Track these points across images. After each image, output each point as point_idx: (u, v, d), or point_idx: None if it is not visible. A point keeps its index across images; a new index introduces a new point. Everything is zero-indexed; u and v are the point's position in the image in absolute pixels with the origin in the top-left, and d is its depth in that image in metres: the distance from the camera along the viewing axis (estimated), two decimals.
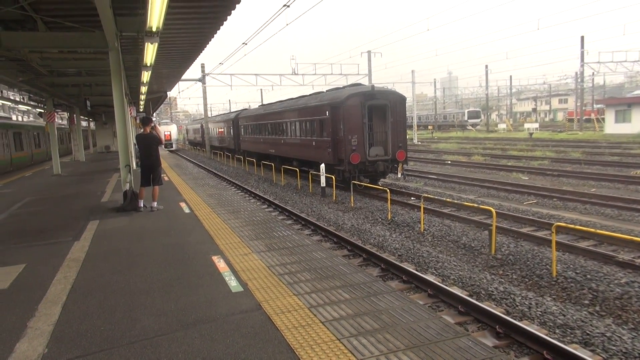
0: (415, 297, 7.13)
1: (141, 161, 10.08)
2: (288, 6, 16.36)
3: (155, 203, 9.94)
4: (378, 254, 9.08)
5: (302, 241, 6.92)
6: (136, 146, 10.31)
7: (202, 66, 40.26)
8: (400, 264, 8.39)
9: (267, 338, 3.83)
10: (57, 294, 5.05)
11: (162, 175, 10.39)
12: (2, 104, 34.56)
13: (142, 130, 10.08)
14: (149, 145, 9.88)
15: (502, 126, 66.23)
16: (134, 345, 3.82)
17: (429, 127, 72.67)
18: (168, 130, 52.22)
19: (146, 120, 10.16)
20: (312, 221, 12.19)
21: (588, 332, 5.88)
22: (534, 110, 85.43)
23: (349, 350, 3.56)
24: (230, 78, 40.28)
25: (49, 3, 9.34)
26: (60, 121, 38.06)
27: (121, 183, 10.67)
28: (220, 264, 5.86)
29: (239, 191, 18.57)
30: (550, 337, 5.53)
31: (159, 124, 53.07)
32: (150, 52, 10.23)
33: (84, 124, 38.15)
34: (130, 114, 21.07)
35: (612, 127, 41.64)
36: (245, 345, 3.73)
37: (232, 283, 5.16)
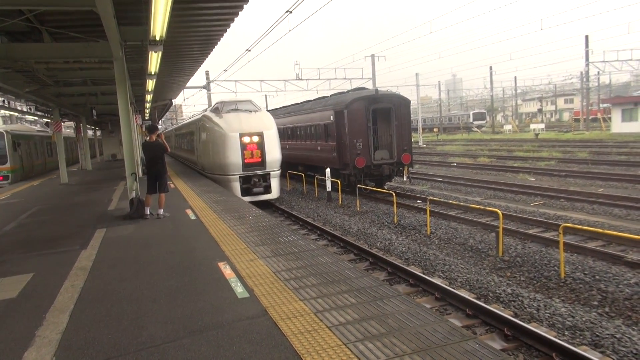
0: (422, 301, 7.11)
1: (147, 169, 10.15)
2: (290, 12, 16.43)
3: (162, 210, 9.98)
4: (384, 257, 9.07)
5: (307, 246, 6.92)
6: (142, 154, 10.36)
7: (207, 73, 40.47)
8: (406, 268, 8.37)
9: (274, 344, 3.82)
10: (65, 303, 5.08)
11: (168, 182, 10.43)
12: (10, 114, 34.85)
13: (148, 138, 10.17)
14: (154, 152, 9.95)
15: (507, 127, 65.99)
16: (141, 353, 3.83)
17: (434, 129, 72.49)
18: (255, 129, 16.21)
19: (152, 128, 10.29)
20: (318, 226, 12.18)
21: (598, 333, 5.83)
22: (540, 110, 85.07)
23: (355, 355, 3.55)
24: (235, 85, 40.41)
25: (53, 14, 9.44)
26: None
27: (127, 191, 10.72)
28: (227, 270, 5.87)
29: None
30: (559, 339, 5.49)
31: (222, 110, 17.02)
32: (154, 60, 10.30)
33: (90, 132, 38.41)
34: (136, 122, 21.20)
35: (618, 126, 41.41)
36: (252, 351, 3.73)
37: (238, 289, 5.16)
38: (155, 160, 9.95)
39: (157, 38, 8.00)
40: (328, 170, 16.50)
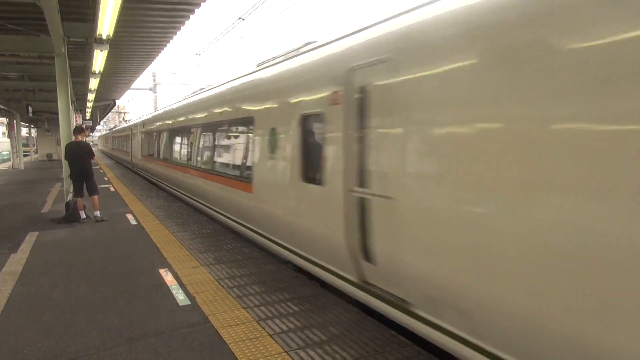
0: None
1: (72, 171, 9.67)
2: (243, 19, 16.39)
3: (98, 212, 9.60)
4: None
5: (252, 254, 6.90)
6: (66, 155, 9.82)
7: (154, 75, 39.49)
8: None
9: (215, 352, 3.79)
10: None
11: (97, 184, 9.99)
12: None
13: (73, 138, 9.80)
14: (79, 153, 9.52)
15: None
16: None
17: None
18: None
19: (79, 129, 9.97)
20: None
21: None
22: None
23: None
24: (183, 88, 39.68)
25: None
26: None
27: (64, 193, 10.24)
28: (168, 277, 5.75)
29: None
30: None
31: None
32: (99, 59, 9.99)
33: (24, 130, 36.34)
34: (76, 121, 20.32)
35: None
36: (192, 359, 3.68)
37: (180, 296, 5.06)
38: (80, 161, 9.51)
39: (104, 37, 7.78)
40: None
